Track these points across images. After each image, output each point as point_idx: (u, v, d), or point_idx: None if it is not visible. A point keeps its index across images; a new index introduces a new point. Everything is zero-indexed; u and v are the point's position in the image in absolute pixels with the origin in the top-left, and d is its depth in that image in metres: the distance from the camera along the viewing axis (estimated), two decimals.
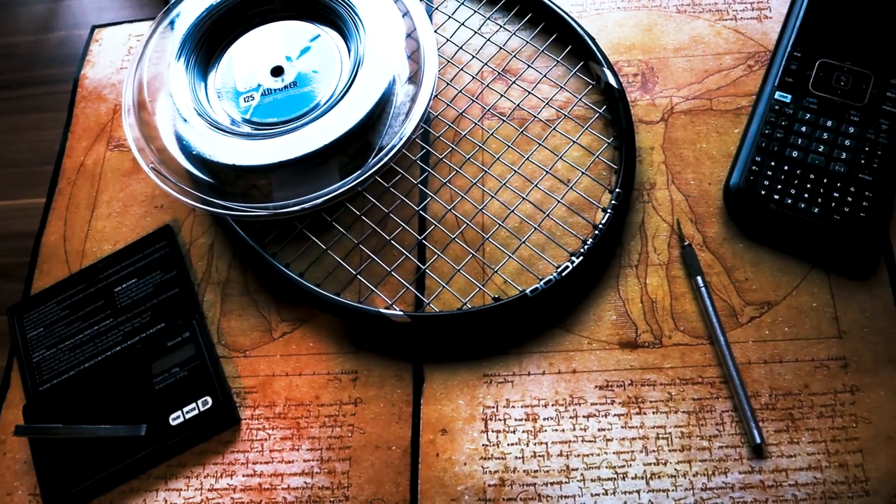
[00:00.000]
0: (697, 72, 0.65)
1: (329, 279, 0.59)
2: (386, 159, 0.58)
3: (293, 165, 0.58)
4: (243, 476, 0.55)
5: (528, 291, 0.55)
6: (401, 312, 0.55)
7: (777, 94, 0.60)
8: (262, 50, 0.64)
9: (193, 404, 0.56)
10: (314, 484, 0.55)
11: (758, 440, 0.52)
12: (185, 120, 0.61)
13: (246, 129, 0.61)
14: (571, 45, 0.65)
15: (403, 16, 0.63)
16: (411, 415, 0.56)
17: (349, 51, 0.63)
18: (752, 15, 0.67)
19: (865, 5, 0.62)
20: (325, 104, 0.60)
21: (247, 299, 0.61)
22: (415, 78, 0.61)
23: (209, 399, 0.57)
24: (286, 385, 0.58)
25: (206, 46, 0.65)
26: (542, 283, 0.55)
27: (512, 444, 0.54)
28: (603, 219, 0.57)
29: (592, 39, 0.64)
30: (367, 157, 0.58)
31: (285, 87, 0.62)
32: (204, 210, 0.58)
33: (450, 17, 0.68)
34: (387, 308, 0.56)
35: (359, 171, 0.58)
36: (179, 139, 0.61)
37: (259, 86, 0.63)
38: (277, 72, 0.63)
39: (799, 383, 0.54)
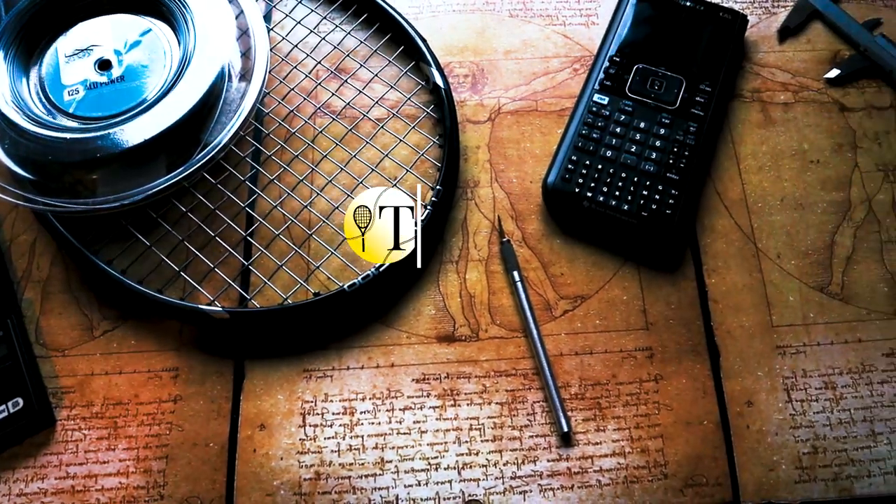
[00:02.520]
0: (525, 74, 0.67)
1: (152, 276, 0.58)
2: (211, 154, 0.58)
3: (117, 160, 0.57)
4: (55, 479, 0.54)
5: (346, 286, 0.55)
6: (220, 308, 0.55)
7: (596, 97, 0.62)
8: (90, 43, 0.63)
9: (3, 406, 0.55)
10: (129, 484, 0.54)
11: (565, 429, 0.54)
12: (3, 113, 0.59)
13: (69, 123, 0.60)
14: (404, 45, 0.66)
15: (239, 14, 0.63)
16: (230, 411, 0.55)
17: (179, 45, 0.62)
18: (581, 21, 0.69)
19: (680, 16, 0.65)
20: (152, 98, 0.60)
21: (68, 297, 0.60)
22: (247, 75, 0.61)
23: (20, 400, 0.55)
24: (105, 384, 0.57)
25: (28, 38, 0.62)
26: (360, 278, 0.56)
27: (329, 438, 0.54)
28: (422, 215, 0.58)
29: (424, 40, 0.65)
30: (194, 153, 0.58)
31: (112, 81, 0.61)
32: (22, 206, 0.57)
33: (287, 15, 0.68)
34: (208, 305, 0.56)
35: (183, 167, 0.57)
36: None
37: (85, 80, 0.61)
38: (105, 65, 0.61)
39: (607, 373, 0.56)
